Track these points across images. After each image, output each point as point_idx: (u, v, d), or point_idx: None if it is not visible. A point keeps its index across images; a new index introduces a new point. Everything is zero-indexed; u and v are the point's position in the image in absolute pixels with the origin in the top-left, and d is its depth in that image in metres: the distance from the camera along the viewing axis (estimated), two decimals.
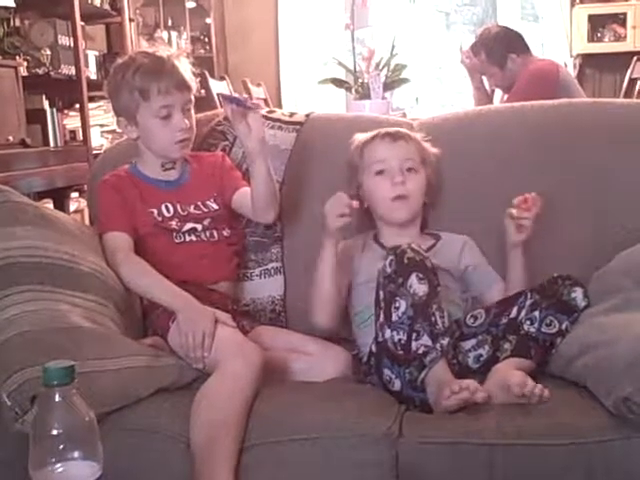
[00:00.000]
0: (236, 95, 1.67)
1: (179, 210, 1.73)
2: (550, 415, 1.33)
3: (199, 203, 1.76)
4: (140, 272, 1.63)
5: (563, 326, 1.52)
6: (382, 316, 1.47)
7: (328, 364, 1.59)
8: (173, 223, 1.72)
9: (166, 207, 1.73)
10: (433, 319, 1.43)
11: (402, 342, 1.43)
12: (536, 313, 1.53)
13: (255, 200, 1.70)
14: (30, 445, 0.95)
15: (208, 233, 1.75)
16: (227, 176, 1.80)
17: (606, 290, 1.56)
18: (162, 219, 1.72)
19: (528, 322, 1.53)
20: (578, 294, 1.54)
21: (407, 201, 1.72)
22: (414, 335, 1.42)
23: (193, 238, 1.73)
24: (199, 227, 1.74)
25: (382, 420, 1.34)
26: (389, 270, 1.47)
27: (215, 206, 1.77)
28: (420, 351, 1.41)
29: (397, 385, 1.45)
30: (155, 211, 1.72)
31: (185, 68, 1.72)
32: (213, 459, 1.31)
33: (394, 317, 1.44)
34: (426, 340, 1.41)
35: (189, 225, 1.73)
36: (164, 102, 1.67)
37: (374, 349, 1.52)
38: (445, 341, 1.42)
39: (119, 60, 1.74)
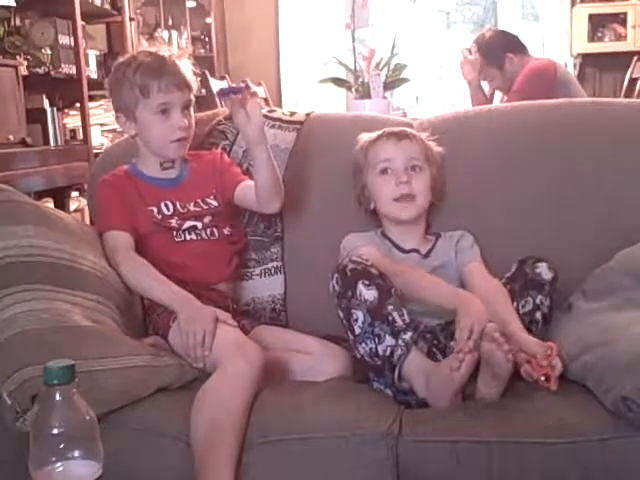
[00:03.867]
0: (233, 85, 1.67)
1: (178, 208, 1.73)
2: (549, 414, 1.34)
3: (199, 200, 1.76)
4: (140, 271, 1.64)
5: (537, 300, 1.54)
6: (350, 335, 1.49)
7: (328, 364, 1.59)
8: (173, 221, 1.72)
9: (165, 205, 1.73)
10: (390, 318, 1.44)
11: (372, 350, 1.45)
12: (514, 303, 1.55)
13: (260, 190, 1.69)
14: (30, 444, 0.95)
15: (209, 231, 1.75)
16: (227, 172, 1.80)
17: (606, 289, 1.56)
18: (162, 217, 1.72)
19: None
20: (542, 268, 1.56)
21: (413, 200, 1.72)
22: (376, 339, 1.44)
23: (193, 237, 1.73)
24: (199, 225, 1.74)
25: (382, 419, 1.34)
26: (337, 288, 1.50)
27: (215, 203, 1.77)
28: (387, 353, 1.43)
29: (389, 393, 1.46)
30: (154, 209, 1.72)
31: (186, 68, 1.72)
32: (214, 458, 1.32)
33: (357, 330, 1.47)
34: (389, 340, 1.43)
35: (189, 223, 1.73)
36: (164, 99, 1.67)
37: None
38: (407, 335, 1.43)
39: (121, 58, 1.75)
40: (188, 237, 1.73)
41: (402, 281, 1.54)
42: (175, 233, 1.72)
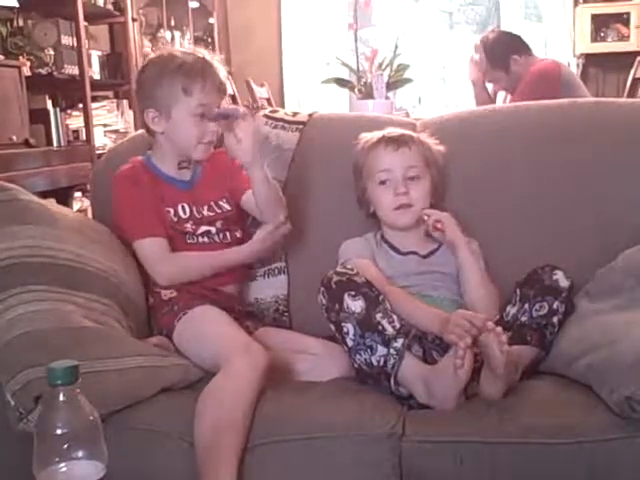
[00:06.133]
0: (221, 110, 1.66)
1: (194, 212, 1.73)
2: (553, 414, 1.34)
3: (212, 204, 1.75)
4: (185, 264, 1.67)
5: (554, 305, 1.53)
6: (344, 346, 1.49)
7: (331, 364, 1.58)
8: (188, 225, 1.71)
9: (182, 208, 1.72)
10: (380, 327, 1.44)
11: (367, 361, 1.45)
12: (526, 305, 1.54)
13: (260, 206, 1.69)
14: (34, 445, 0.95)
15: (221, 235, 1.74)
16: (237, 177, 1.78)
17: (609, 289, 1.56)
18: (177, 220, 1.71)
19: (519, 314, 1.54)
20: (559, 276, 1.55)
21: (410, 209, 1.72)
22: (369, 351, 1.44)
23: (206, 240, 1.73)
24: (213, 230, 1.73)
25: (385, 420, 1.34)
26: (325, 302, 1.49)
27: (227, 207, 1.77)
28: (381, 363, 1.43)
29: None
30: (172, 211, 1.71)
31: (223, 72, 1.72)
32: (217, 459, 1.32)
33: (350, 343, 1.46)
34: (381, 350, 1.43)
35: (203, 228, 1.72)
36: (204, 100, 1.66)
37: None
38: (399, 343, 1.43)
39: (155, 53, 1.76)
40: (201, 240, 1.72)
41: (390, 304, 1.51)
42: (188, 236, 1.72)
